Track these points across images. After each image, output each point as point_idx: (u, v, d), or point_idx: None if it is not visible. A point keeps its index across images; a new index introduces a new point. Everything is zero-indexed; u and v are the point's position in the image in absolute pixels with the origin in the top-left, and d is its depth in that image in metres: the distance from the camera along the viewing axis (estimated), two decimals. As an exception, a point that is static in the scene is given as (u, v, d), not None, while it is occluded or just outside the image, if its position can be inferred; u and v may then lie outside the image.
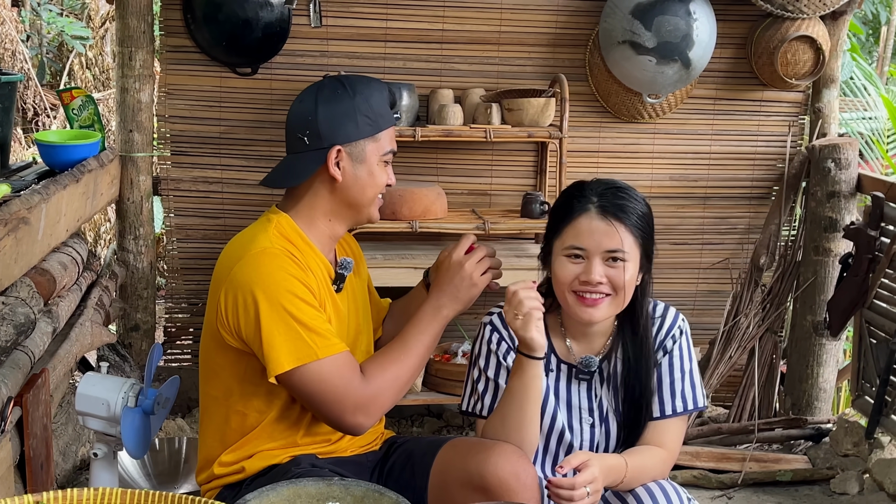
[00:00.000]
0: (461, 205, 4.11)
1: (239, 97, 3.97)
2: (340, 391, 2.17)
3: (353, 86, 2.28)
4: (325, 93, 2.27)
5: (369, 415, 2.21)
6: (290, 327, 2.14)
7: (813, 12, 3.93)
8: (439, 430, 4.16)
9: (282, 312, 2.14)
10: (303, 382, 2.16)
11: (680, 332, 2.32)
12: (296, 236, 2.29)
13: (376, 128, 2.30)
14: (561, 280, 2.22)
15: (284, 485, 1.93)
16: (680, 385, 2.30)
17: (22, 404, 2.44)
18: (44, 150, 3.26)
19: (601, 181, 2.27)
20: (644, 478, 2.20)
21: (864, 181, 4.00)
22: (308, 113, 2.27)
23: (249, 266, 2.19)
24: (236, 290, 2.18)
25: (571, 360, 2.33)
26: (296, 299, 2.16)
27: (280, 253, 2.21)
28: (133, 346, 3.97)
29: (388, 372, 2.23)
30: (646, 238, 2.24)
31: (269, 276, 2.17)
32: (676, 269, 4.33)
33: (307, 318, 2.16)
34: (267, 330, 2.14)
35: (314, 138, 2.27)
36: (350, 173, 2.29)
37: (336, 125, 2.25)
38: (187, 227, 4.06)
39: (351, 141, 2.27)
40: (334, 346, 2.18)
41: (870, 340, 3.75)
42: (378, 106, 2.30)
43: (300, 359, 2.14)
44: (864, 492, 3.64)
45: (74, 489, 1.58)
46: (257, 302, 2.15)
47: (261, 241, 2.23)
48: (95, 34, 7.25)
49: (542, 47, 4.08)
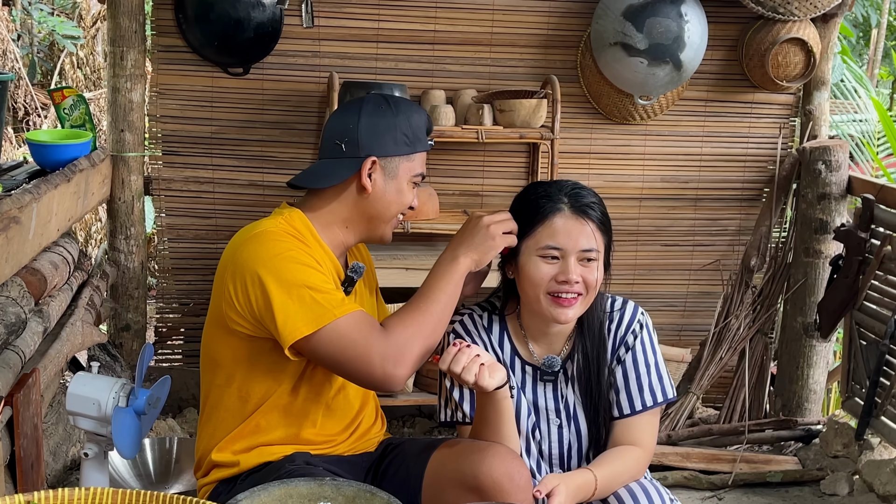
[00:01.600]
0: (453, 205, 4.11)
1: (230, 97, 3.96)
2: (362, 345, 2.14)
3: (396, 104, 2.32)
4: (369, 106, 2.31)
5: (399, 364, 2.16)
6: (301, 294, 2.14)
7: (804, 15, 3.95)
8: (430, 431, 4.16)
9: (290, 282, 2.15)
10: (323, 344, 2.15)
11: (640, 325, 2.32)
12: (305, 230, 2.29)
13: (412, 148, 2.32)
14: (535, 281, 2.22)
15: (276, 485, 1.93)
16: (647, 379, 2.30)
17: (12, 404, 2.44)
18: (35, 149, 3.26)
19: (561, 181, 2.30)
20: (618, 483, 2.21)
21: (854, 183, 4.02)
22: (350, 122, 2.30)
23: (252, 246, 2.21)
24: (243, 270, 2.19)
25: (534, 362, 2.33)
26: (302, 266, 2.17)
27: (282, 232, 2.24)
28: (124, 346, 3.96)
29: (409, 323, 2.21)
30: (608, 236, 2.27)
31: (272, 250, 2.19)
32: (667, 271, 4.33)
33: (317, 283, 2.17)
34: (279, 302, 2.14)
35: (352, 146, 2.29)
36: (380, 186, 2.30)
37: (376, 137, 2.28)
38: (179, 227, 4.06)
39: (387, 155, 2.30)
40: (349, 305, 2.19)
41: (860, 342, 3.76)
42: (417, 128, 2.33)
43: (317, 321, 2.13)
44: (854, 493, 3.65)
45: (65, 489, 1.58)
46: (262, 278, 2.15)
47: (264, 224, 2.27)
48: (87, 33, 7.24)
49: (534, 48, 4.09)
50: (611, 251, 2.30)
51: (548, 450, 2.31)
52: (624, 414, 2.28)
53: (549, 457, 2.32)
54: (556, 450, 2.31)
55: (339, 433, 2.37)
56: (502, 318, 2.37)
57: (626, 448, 2.26)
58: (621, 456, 2.25)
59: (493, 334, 2.35)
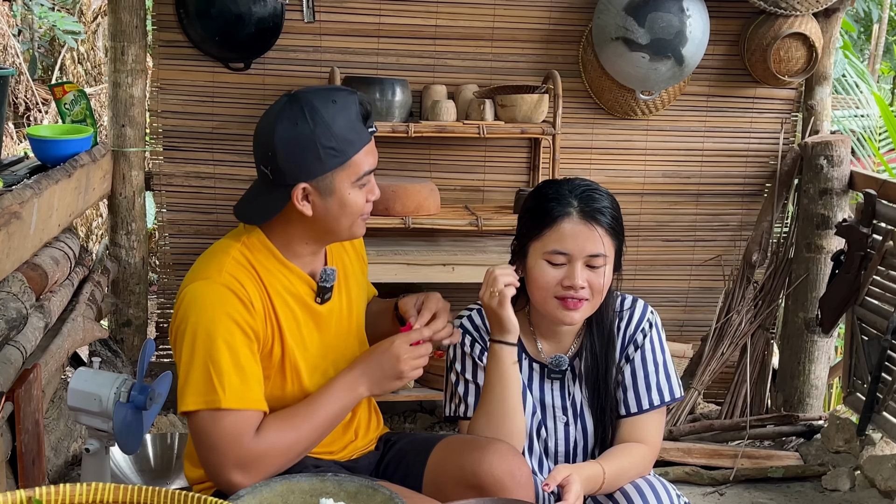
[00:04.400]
0: (454, 201, 4.11)
1: (232, 92, 3.96)
2: (227, 444, 2.04)
3: (313, 113, 2.05)
4: (284, 124, 2.06)
5: (248, 474, 2.05)
6: (205, 368, 2.04)
7: (806, 10, 3.94)
8: (432, 427, 4.16)
9: (203, 352, 2.04)
10: (197, 425, 2.06)
11: (650, 325, 2.32)
12: (266, 255, 2.16)
13: (344, 156, 2.07)
14: (542, 285, 2.21)
15: (278, 480, 1.93)
16: (654, 378, 2.29)
17: (13, 400, 2.44)
18: (36, 144, 3.25)
19: (574, 182, 2.25)
20: (625, 479, 2.21)
21: (856, 178, 4.01)
22: (268, 147, 2.08)
23: (192, 294, 2.09)
24: (178, 313, 2.11)
25: (542, 359, 2.33)
26: (221, 343, 2.04)
27: (222, 287, 2.07)
28: (125, 342, 3.96)
29: (284, 437, 2.09)
30: (620, 239, 2.25)
31: (202, 311, 2.06)
32: (669, 266, 4.33)
33: (225, 365, 2.04)
34: (185, 364, 2.06)
35: (276, 174, 2.08)
36: (320, 206, 2.11)
37: (297, 161, 2.06)
38: (180, 223, 4.05)
39: (316, 176, 2.07)
40: (243, 400, 2.06)
41: (861, 337, 3.76)
42: (344, 131, 2.07)
43: (204, 402, 2.04)
44: (856, 488, 3.65)
45: (66, 485, 1.58)
46: (185, 333, 2.06)
47: (211, 268, 2.11)
48: (87, 29, 7.22)
49: (536, 43, 4.08)
50: (622, 252, 2.27)
51: (553, 447, 2.31)
52: (631, 412, 2.28)
53: (555, 454, 2.32)
54: (562, 447, 2.31)
55: (338, 439, 2.33)
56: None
57: (632, 445, 2.26)
58: (628, 452, 2.25)
59: None
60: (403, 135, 3.66)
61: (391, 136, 3.71)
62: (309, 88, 2.14)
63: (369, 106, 2.14)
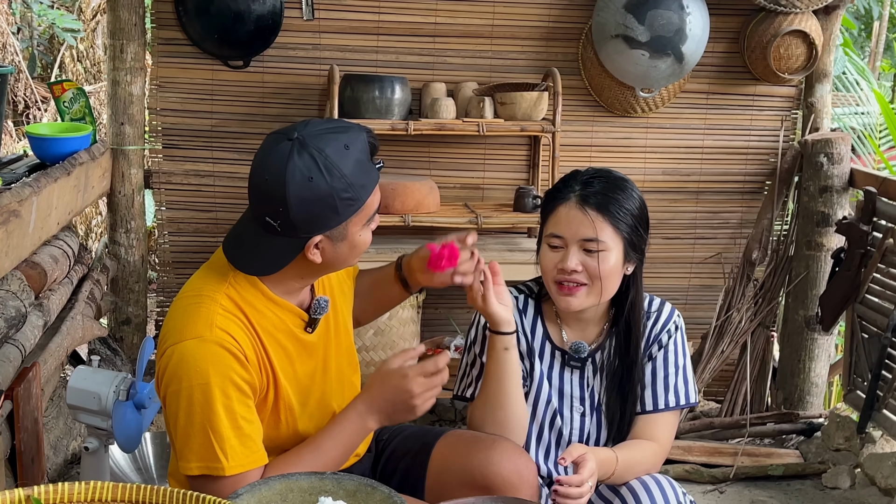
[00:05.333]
0: (454, 199, 4.10)
1: (231, 90, 3.96)
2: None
3: (328, 164, 1.90)
4: (296, 178, 1.89)
5: None
6: (205, 434, 1.96)
7: (806, 7, 3.94)
8: (432, 424, 4.15)
9: (201, 417, 1.95)
10: (199, 486, 1.99)
11: (675, 327, 2.34)
12: (255, 295, 2.04)
13: (359, 202, 1.96)
14: (542, 268, 2.27)
15: (276, 479, 1.93)
16: (673, 379, 2.31)
17: (13, 398, 2.44)
18: (35, 142, 3.25)
19: (593, 170, 2.28)
20: (634, 472, 2.21)
21: (856, 176, 4.01)
22: (278, 200, 1.91)
23: (182, 355, 1.96)
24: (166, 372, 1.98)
25: (565, 347, 2.34)
26: (220, 408, 1.94)
27: (216, 347, 1.95)
28: (124, 340, 3.96)
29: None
30: (630, 229, 2.22)
31: (198, 375, 1.94)
32: (669, 264, 4.33)
33: (226, 432, 1.96)
34: (183, 429, 1.97)
35: (287, 227, 1.94)
36: (331, 252, 2.01)
37: (314, 217, 1.94)
38: (179, 221, 4.05)
39: (332, 228, 1.97)
40: (246, 463, 1.99)
41: (862, 335, 3.76)
42: (357, 174, 1.94)
43: (207, 469, 1.98)
44: (856, 486, 3.65)
45: (66, 483, 1.58)
46: (178, 396, 1.95)
47: (200, 323, 1.97)
48: (87, 27, 7.22)
49: (535, 41, 4.08)
50: (638, 245, 2.25)
51: (568, 435, 2.32)
52: (646, 410, 2.30)
53: (569, 444, 2.32)
54: (577, 437, 2.33)
55: None
56: (538, 302, 2.38)
57: (644, 442, 2.28)
58: (640, 447, 2.26)
59: (527, 317, 2.37)
60: (403, 133, 3.66)
61: (390, 134, 3.70)
62: (314, 131, 1.95)
63: (376, 141, 2.04)
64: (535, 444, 2.34)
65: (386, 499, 1.88)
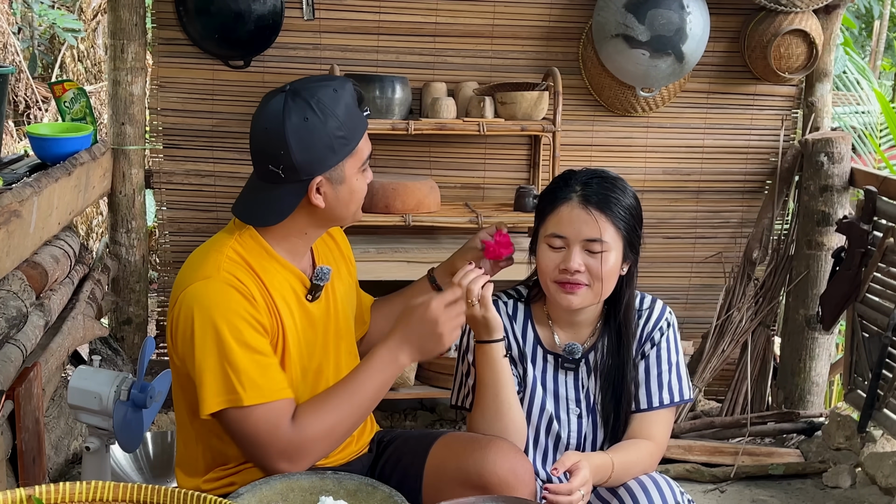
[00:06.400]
0: (454, 198, 4.10)
1: (231, 90, 3.96)
2: (264, 437, 2.03)
3: (323, 107, 2.05)
4: (294, 121, 2.04)
5: (294, 463, 2.05)
6: (221, 368, 2.02)
7: (806, 6, 3.94)
8: (432, 424, 4.16)
9: (216, 351, 2.01)
10: (227, 423, 2.06)
11: (668, 324, 2.34)
12: (259, 253, 2.14)
13: (353, 142, 2.12)
14: (542, 268, 2.25)
15: (277, 479, 1.93)
16: (667, 377, 2.31)
17: (14, 398, 2.44)
18: (35, 142, 3.25)
19: (590, 171, 2.28)
20: (632, 473, 2.21)
21: (856, 175, 4.01)
22: (279, 146, 2.05)
23: (192, 296, 2.05)
24: (180, 316, 2.06)
25: (557, 349, 2.34)
26: (231, 339, 2.02)
27: (224, 285, 2.05)
28: (125, 340, 3.96)
29: (323, 421, 2.07)
30: (629, 229, 2.24)
31: (208, 311, 2.02)
32: (669, 263, 4.33)
33: (241, 362, 2.02)
34: (199, 366, 2.03)
35: (290, 172, 2.06)
36: (332, 196, 2.13)
37: (314, 157, 2.06)
38: (179, 221, 4.05)
39: (330, 167, 2.09)
40: (265, 393, 2.04)
41: (862, 334, 3.76)
42: (349, 117, 2.10)
43: (227, 401, 2.02)
44: (857, 485, 3.65)
45: (67, 483, 1.58)
46: (195, 334, 2.03)
47: (208, 267, 2.08)
48: (87, 26, 7.22)
49: (536, 41, 4.08)
50: (636, 244, 2.27)
51: (566, 438, 2.32)
52: (641, 408, 2.30)
53: (566, 446, 2.32)
54: (574, 439, 2.32)
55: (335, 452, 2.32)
56: (528, 306, 2.38)
57: (640, 441, 2.28)
58: (636, 447, 2.26)
59: (518, 322, 2.36)
60: (403, 132, 3.66)
61: (391, 134, 3.70)
62: (304, 81, 2.12)
63: (362, 91, 2.18)
64: (533, 449, 2.33)
65: (387, 498, 1.88)
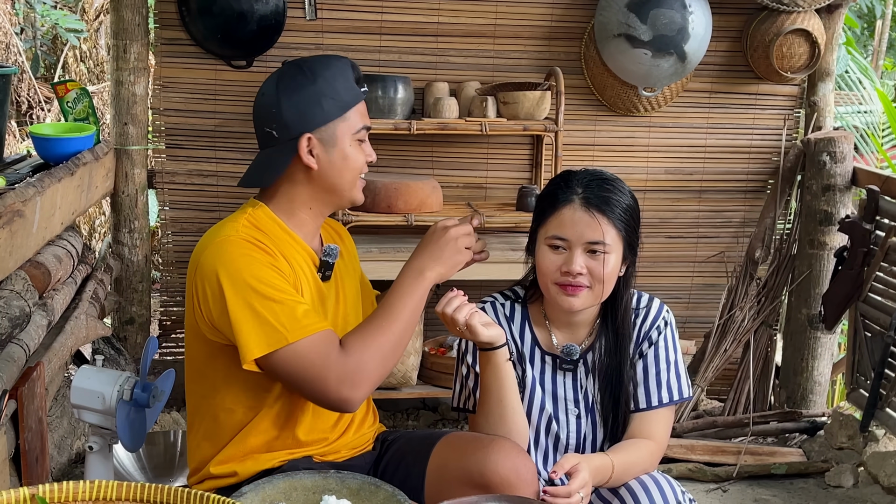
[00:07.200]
0: (456, 198, 4.11)
1: (234, 90, 3.96)
2: (318, 369, 2.08)
3: (313, 69, 2.21)
4: (285, 81, 2.21)
5: (356, 387, 2.09)
6: (256, 313, 2.07)
7: (808, 5, 3.94)
8: (435, 424, 4.16)
9: (247, 298, 2.08)
10: (278, 366, 2.09)
11: (665, 323, 2.33)
12: (272, 226, 2.24)
13: (344, 107, 2.22)
14: (543, 270, 2.24)
15: (280, 478, 1.93)
16: (666, 376, 2.31)
17: (17, 397, 2.44)
18: (38, 142, 3.25)
19: (588, 172, 2.28)
20: (632, 473, 2.21)
21: (859, 175, 4.01)
22: (272, 105, 2.21)
23: (213, 255, 2.14)
24: (204, 279, 2.13)
25: (555, 350, 2.34)
26: (260, 284, 2.09)
27: (242, 240, 2.15)
28: (128, 340, 3.96)
29: (369, 343, 2.12)
30: (629, 230, 2.24)
31: (231, 263, 2.11)
32: (672, 263, 4.33)
33: (274, 303, 2.09)
34: (235, 317, 2.08)
35: (282, 129, 2.21)
36: (324, 159, 2.22)
37: (302, 113, 2.20)
38: (182, 221, 4.06)
39: (319, 126, 2.20)
40: (306, 327, 2.09)
41: (864, 334, 3.76)
42: (342, 85, 2.22)
43: (270, 345, 2.07)
44: (859, 485, 3.65)
45: (70, 482, 1.58)
46: (223, 289, 2.09)
47: (226, 230, 2.19)
48: (90, 27, 7.22)
49: (538, 40, 4.08)
50: (635, 246, 2.28)
51: (565, 438, 2.32)
52: (640, 408, 2.30)
53: (566, 447, 2.32)
54: (574, 440, 2.32)
55: (331, 428, 2.32)
56: (525, 307, 2.38)
57: (640, 440, 2.27)
58: (636, 447, 2.26)
59: (515, 323, 2.36)
60: (405, 132, 3.66)
61: (393, 134, 3.71)
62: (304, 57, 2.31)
63: (360, 71, 2.29)
64: (534, 450, 2.33)
65: (390, 497, 1.88)
